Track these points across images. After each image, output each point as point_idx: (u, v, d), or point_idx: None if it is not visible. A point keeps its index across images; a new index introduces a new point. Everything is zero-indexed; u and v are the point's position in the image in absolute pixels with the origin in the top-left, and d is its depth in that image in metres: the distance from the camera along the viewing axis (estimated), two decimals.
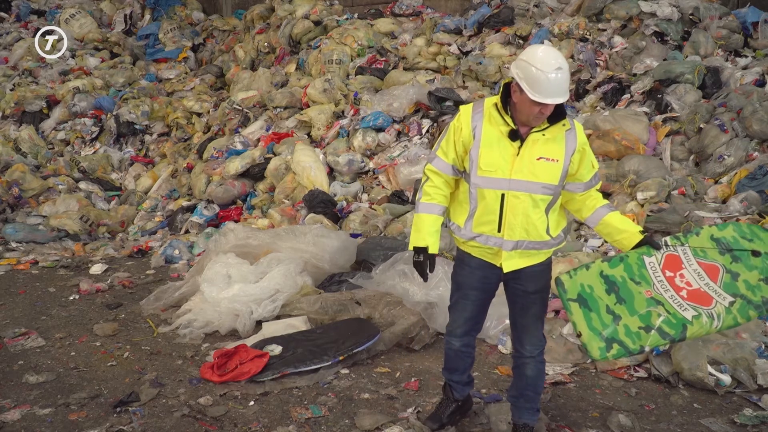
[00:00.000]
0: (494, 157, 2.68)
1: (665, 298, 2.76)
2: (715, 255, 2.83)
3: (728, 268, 2.81)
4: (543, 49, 2.64)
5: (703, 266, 2.82)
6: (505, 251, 2.75)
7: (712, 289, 2.78)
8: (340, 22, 9.28)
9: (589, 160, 2.78)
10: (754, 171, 5.10)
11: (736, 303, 2.75)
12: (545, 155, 2.67)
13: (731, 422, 3.31)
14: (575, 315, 2.73)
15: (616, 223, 2.83)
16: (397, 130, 7.00)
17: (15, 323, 4.63)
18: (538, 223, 2.72)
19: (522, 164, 2.66)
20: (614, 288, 2.77)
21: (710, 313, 2.73)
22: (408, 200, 6.12)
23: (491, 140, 2.69)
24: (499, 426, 3.19)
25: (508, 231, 2.72)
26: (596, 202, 2.86)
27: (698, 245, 2.84)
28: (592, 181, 2.83)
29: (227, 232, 5.20)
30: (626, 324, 2.73)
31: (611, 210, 2.85)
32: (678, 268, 2.82)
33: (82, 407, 3.46)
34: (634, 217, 4.98)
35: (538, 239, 2.75)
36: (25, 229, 6.80)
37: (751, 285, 2.77)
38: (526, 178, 2.66)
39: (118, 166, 8.60)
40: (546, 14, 7.86)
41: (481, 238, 2.78)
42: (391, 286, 4.48)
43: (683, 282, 2.80)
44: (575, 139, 2.71)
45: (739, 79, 6.06)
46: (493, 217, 2.72)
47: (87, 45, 10.71)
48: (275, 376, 3.69)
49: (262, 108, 8.25)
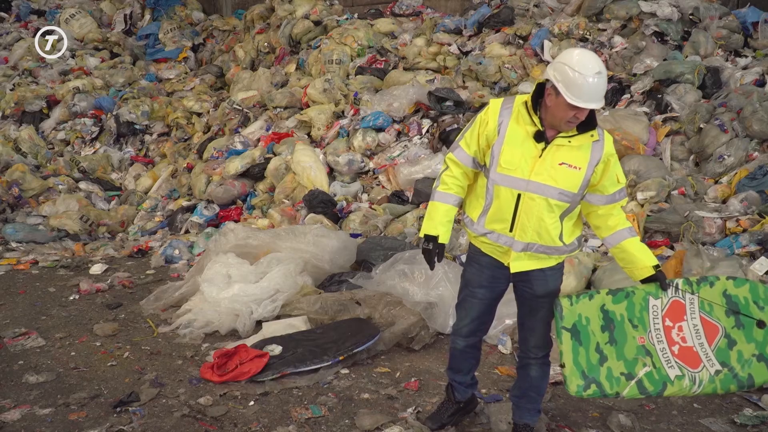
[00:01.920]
0: (516, 156, 2.64)
1: (656, 350, 2.71)
2: (720, 314, 2.75)
3: (728, 333, 2.74)
4: (580, 52, 2.56)
5: (704, 323, 2.74)
6: (515, 252, 2.72)
7: (705, 351, 2.72)
8: (340, 22, 9.28)
9: (614, 172, 2.69)
10: (754, 171, 5.10)
11: (721, 373, 2.70)
12: (568, 161, 2.61)
13: (731, 422, 3.31)
14: (564, 345, 2.69)
15: (634, 251, 2.73)
16: (397, 130, 7.00)
17: (15, 323, 4.63)
18: (552, 227, 2.67)
19: (543, 167, 2.62)
20: (610, 326, 2.72)
21: (693, 377, 2.70)
22: (408, 200, 6.12)
23: (515, 139, 2.65)
24: (499, 426, 3.19)
25: (519, 232, 2.69)
26: (618, 223, 2.75)
27: (708, 298, 2.75)
28: (616, 195, 2.73)
29: (227, 232, 5.20)
30: (610, 367, 2.69)
31: (632, 236, 2.75)
32: (679, 318, 2.74)
33: (82, 407, 3.45)
34: (634, 217, 4.98)
35: (550, 244, 2.71)
36: (25, 229, 6.79)
37: (743, 358, 2.72)
38: (544, 182, 2.61)
39: (118, 166, 8.59)
40: (546, 14, 7.86)
41: (492, 235, 2.75)
42: (391, 286, 4.48)
43: (679, 336, 2.74)
44: (602, 149, 2.64)
45: (739, 79, 6.06)
46: (506, 215, 2.69)
47: (87, 45, 10.71)
48: (275, 376, 3.69)
49: (262, 108, 8.25)
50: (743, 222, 4.67)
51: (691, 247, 4.49)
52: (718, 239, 4.65)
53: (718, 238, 4.66)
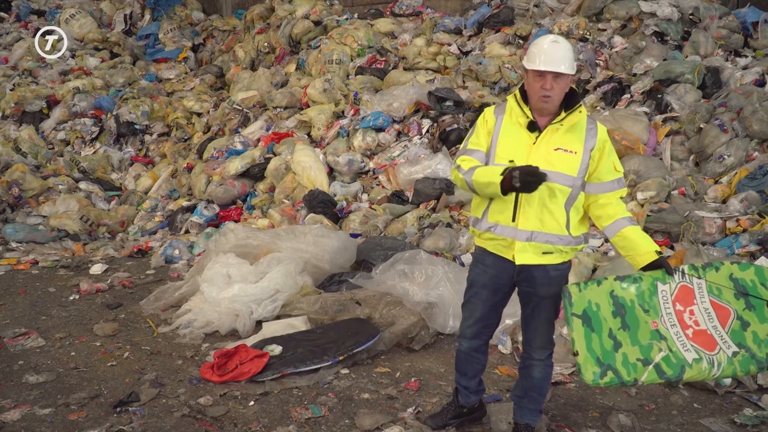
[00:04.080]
0: (511, 146, 2.72)
1: (670, 334, 2.67)
2: (729, 297, 2.72)
3: (740, 315, 2.70)
4: (544, 35, 2.78)
5: (714, 306, 2.72)
6: (519, 242, 2.72)
7: (719, 333, 2.69)
8: (340, 22, 9.28)
9: (611, 160, 2.74)
10: (754, 171, 5.10)
11: (739, 354, 2.66)
12: (563, 146, 2.69)
13: (731, 422, 3.31)
14: (576, 333, 2.63)
15: (634, 238, 2.73)
16: (397, 130, 7.00)
17: (15, 323, 4.63)
18: (557, 214, 2.69)
19: (539, 154, 2.68)
20: (621, 311, 2.67)
21: (711, 360, 2.65)
22: (408, 200, 6.12)
23: (510, 131, 2.75)
24: (500, 426, 3.19)
25: (522, 220, 2.70)
26: (617, 211, 2.76)
27: (715, 281, 2.73)
28: (614, 184, 2.76)
29: (227, 232, 5.20)
30: (625, 353, 2.64)
31: (632, 224, 2.75)
32: (689, 303, 2.71)
33: (82, 407, 3.45)
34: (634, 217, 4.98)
35: (555, 232, 2.70)
36: (25, 229, 6.79)
37: (758, 338, 2.68)
38: (542, 167, 2.61)
39: (118, 166, 8.59)
40: (546, 14, 7.86)
41: (496, 228, 2.76)
42: (391, 286, 4.48)
43: (691, 320, 2.70)
44: (596, 135, 2.72)
45: (739, 79, 6.05)
46: (508, 205, 2.71)
47: (87, 45, 10.71)
48: (275, 376, 3.69)
49: (262, 108, 8.25)
50: (743, 222, 4.67)
51: (691, 247, 4.49)
52: (718, 239, 4.65)
53: (718, 238, 4.66)
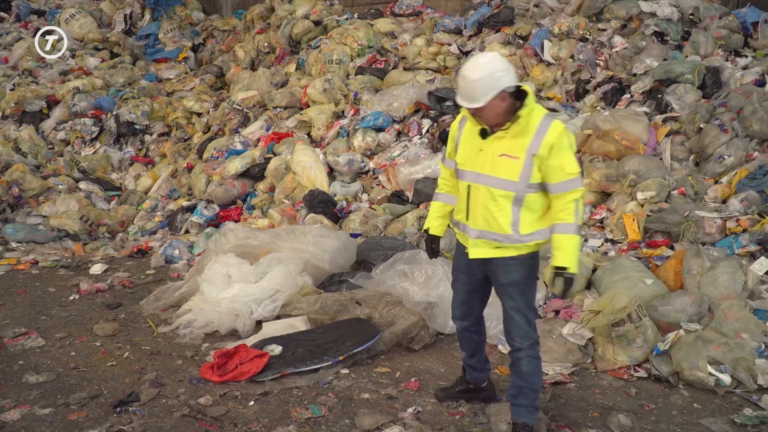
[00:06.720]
0: (466, 152, 2.96)
1: None
2: None
3: None
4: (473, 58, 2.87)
5: None
6: (471, 238, 2.98)
7: None
8: (340, 22, 9.28)
9: (558, 163, 2.76)
10: (754, 171, 5.10)
11: None
12: (507, 152, 2.82)
13: (731, 422, 3.31)
14: None
15: (555, 245, 2.83)
16: (397, 130, 7.00)
17: (15, 323, 4.63)
18: (499, 216, 2.85)
19: (485, 159, 2.87)
20: None
21: None
22: (408, 200, 6.12)
23: (467, 137, 2.98)
24: (499, 426, 3.19)
25: (472, 220, 2.96)
26: (557, 214, 2.83)
27: None
28: (562, 185, 2.79)
29: (227, 232, 5.20)
30: None
31: (562, 231, 2.82)
32: None
33: (82, 407, 3.46)
34: (634, 217, 4.98)
35: (500, 231, 2.88)
36: (25, 229, 6.79)
37: None
38: (486, 173, 2.86)
39: (118, 166, 8.59)
40: (546, 14, 7.85)
41: (459, 225, 3.07)
42: (391, 286, 4.48)
43: None
44: (542, 140, 2.76)
45: (739, 79, 6.05)
46: (463, 206, 3.00)
47: (87, 45, 10.71)
48: (275, 376, 3.69)
49: (262, 108, 8.25)
50: (743, 222, 4.67)
51: (691, 247, 4.49)
52: (718, 239, 4.65)
53: (718, 238, 4.66)
